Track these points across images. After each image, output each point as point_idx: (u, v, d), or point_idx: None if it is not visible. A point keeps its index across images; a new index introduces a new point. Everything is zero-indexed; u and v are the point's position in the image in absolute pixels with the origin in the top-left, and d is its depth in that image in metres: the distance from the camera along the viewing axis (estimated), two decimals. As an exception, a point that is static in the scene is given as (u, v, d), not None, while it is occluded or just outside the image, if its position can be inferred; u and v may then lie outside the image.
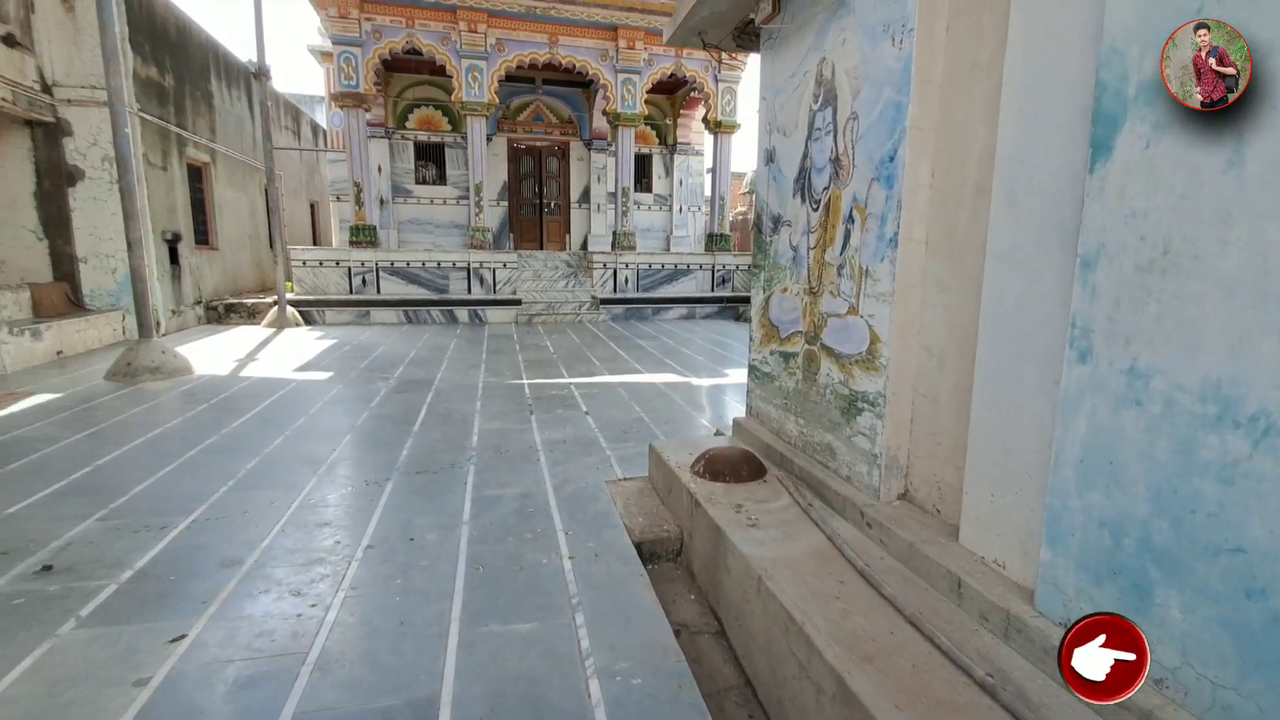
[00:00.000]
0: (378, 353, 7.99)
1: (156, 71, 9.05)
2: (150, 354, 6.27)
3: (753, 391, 3.67)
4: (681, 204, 15.91)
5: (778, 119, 3.28)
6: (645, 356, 8.09)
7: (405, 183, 14.24)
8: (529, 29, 11.51)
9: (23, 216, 7.93)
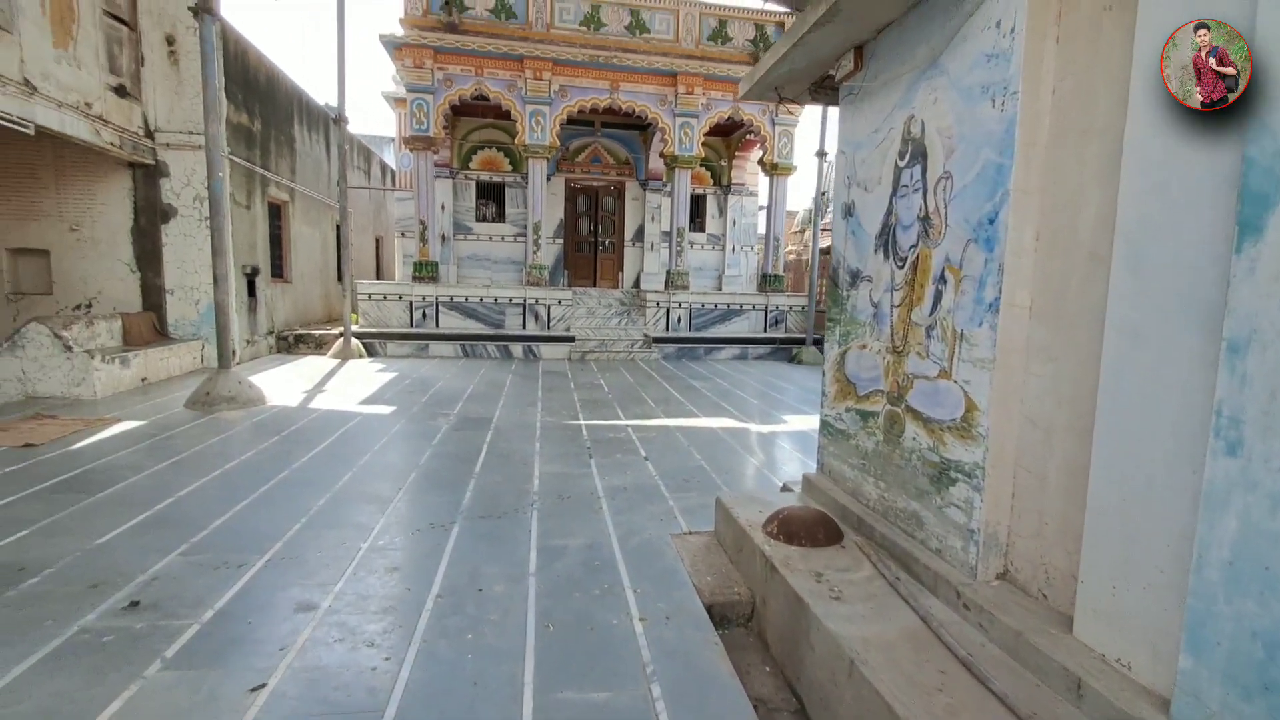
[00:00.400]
0: (437, 387, 8.15)
1: (247, 118, 9.68)
2: (227, 384, 6.54)
3: (825, 448, 3.55)
4: (734, 244, 15.95)
5: (858, 173, 3.24)
6: (700, 399, 8.01)
7: (466, 220, 14.73)
8: (591, 76, 11.89)
9: (120, 250, 8.50)
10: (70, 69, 6.89)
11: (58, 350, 6.59)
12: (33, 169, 8.25)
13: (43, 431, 5.31)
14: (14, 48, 6.11)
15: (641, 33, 12.11)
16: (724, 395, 8.34)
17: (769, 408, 7.56)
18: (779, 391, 8.77)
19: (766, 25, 12.53)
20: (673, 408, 7.34)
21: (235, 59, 9.34)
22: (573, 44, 11.77)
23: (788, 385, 9.31)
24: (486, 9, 11.59)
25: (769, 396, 8.36)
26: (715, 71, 12.06)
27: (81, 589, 2.79)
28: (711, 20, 12.34)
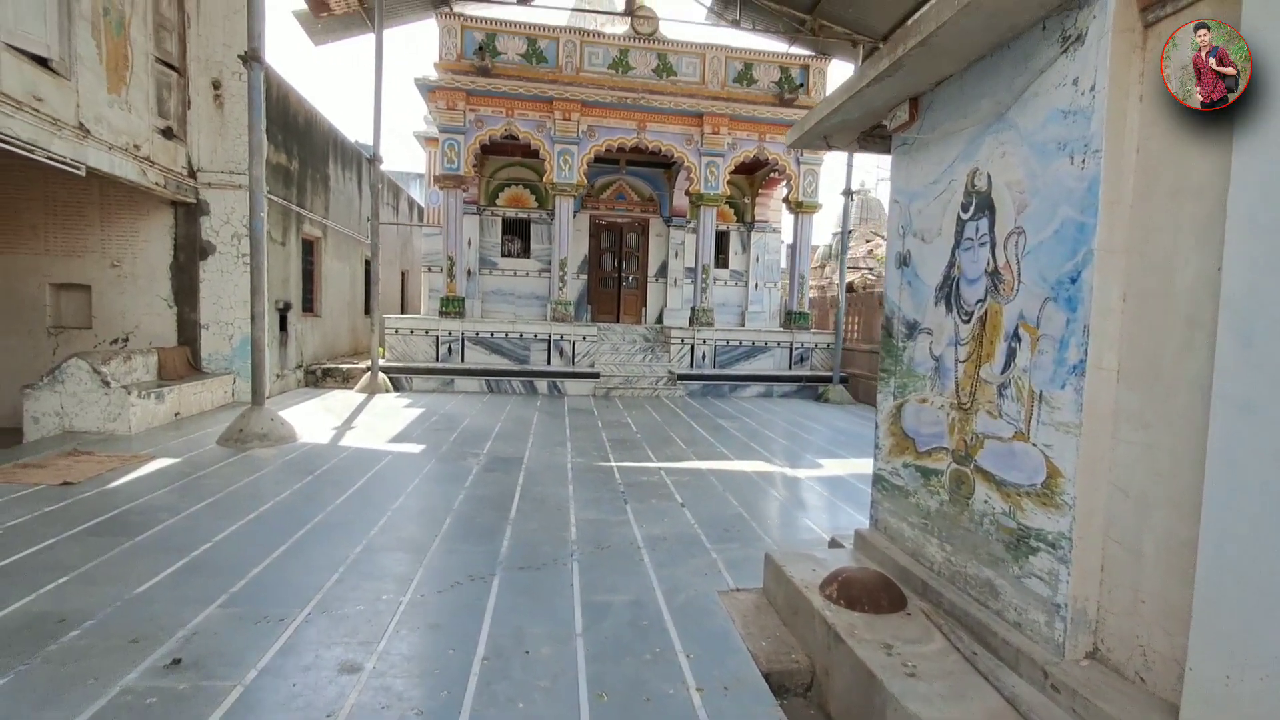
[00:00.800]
0: (465, 425, 8.12)
1: (285, 157, 9.93)
2: (260, 421, 6.56)
3: (880, 504, 3.42)
4: (757, 280, 15.93)
5: (913, 223, 3.19)
6: (730, 439, 7.88)
7: (491, 255, 14.90)
8: (619, 116, 12.09)
9: (158, 286, 8.66)
10: (121, 112, 7.13)
11: (96, 386, 6.67)
12: (80, 207, 8.49)
13: (80, 469, 5.33)
14: (71, 93, 6.33)
15: (669, 75, 12.34)
16: (753, 436, 8.21)
17: (801, 450, 7.41)
18: (808, 432, 8.62)
19: (791, 68, 12.72)
20: (703, 449, 7.22)
21: (277, 102, 9.62)
22: (601, 86, 12.01)
23: (816, 425, 9.16)
24: (518, 54, 11.90)
25: (799, 438, 8.21)
26: (741, 112, 12.22)
27: (122, 643, 2.72)
28: (737, 63, 12.55)
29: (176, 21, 8.10)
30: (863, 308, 12.36)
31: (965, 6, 2.17)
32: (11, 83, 5.60)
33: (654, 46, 12.34)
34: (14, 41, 5.62)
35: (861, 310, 12.40)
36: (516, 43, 11.90)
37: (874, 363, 11.61)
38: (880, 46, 11.72)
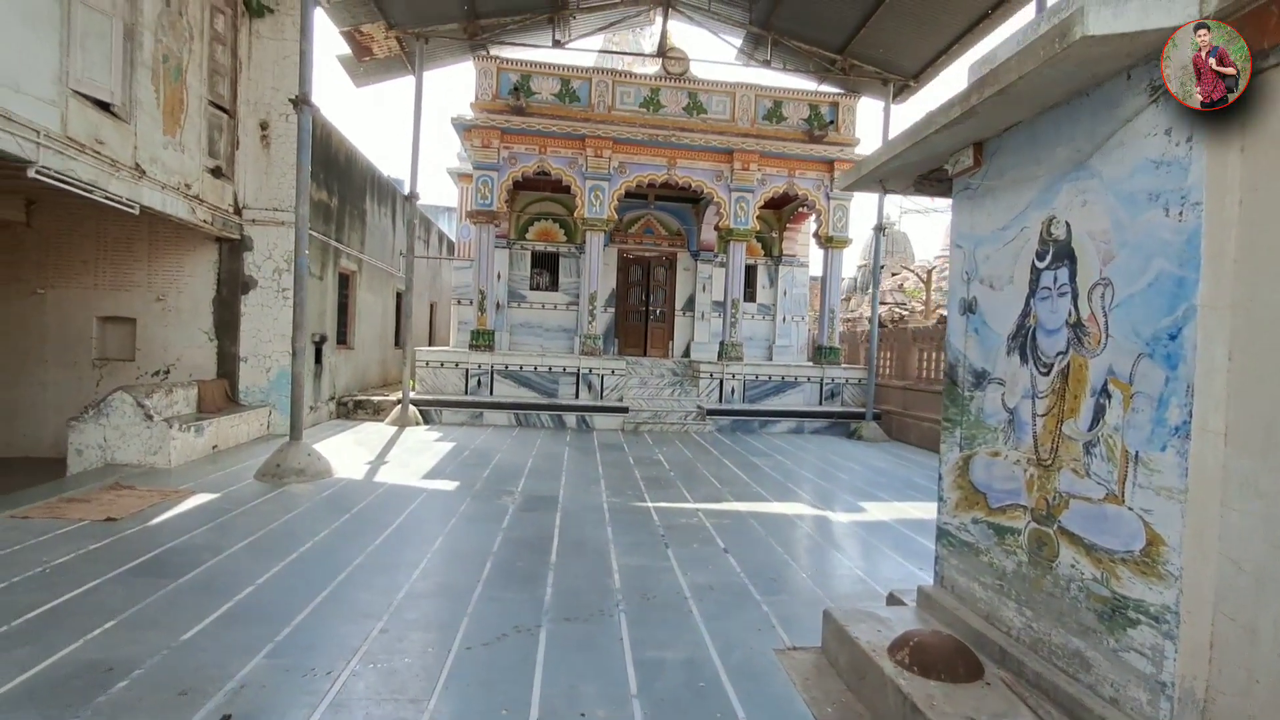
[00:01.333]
0: (497, 460, 8.06)
1: (325, 194, 10.18)
2: (297, 456, 6.57)
3: (946, 560, 3.27)
4: (785, 314, 15.85)
5: (979, 269, 3.11)
6: (765, 479, 7.72)
7: (520, 288, 15.03)
8: (649, 153, 12.24)
9: (201, 319, 8.84)
10: (175, 153, 7.36)
11: (139, 419, 6.75)
12: (130, 243, 8.75)
13: (122, 504, 5.35)
14: (129, 135, 6.56)
15: (699, 113, 12.50)
16: (788, 475, 8.04)
17: (839, 491, 7.22)
18: (845, 471, 8.42)
19: (820, 105, 12.82)
20: (739, 489, 7.07)
21: (319, 141, 9.89)
22: (633, 124, 12.20)
23: (852, 464, 8.95)
24: (551, 93, 12.16)
25: (836, 477, 8.02)
26: (770, 148, 12.30)
27: (171, 696, 2.66)
28: (766, 101, 12.69)
29: (229, 67, 8.42)
30: (895, 343, 12.19)
31: (1051, 59, 2.12)
32: (77, 127, 5.81)
33: (685, 85, 12.53)
34: (81, 88, 5.85)
35: (894, 345, 12.23)
36: (550, 83, 12.17)
37: (908, 399, 11.40)
38: (910, 84, 11.80)
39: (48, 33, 5.46)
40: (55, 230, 8.66)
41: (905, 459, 9.58)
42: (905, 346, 11.80)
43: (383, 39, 11.14)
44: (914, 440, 10.97)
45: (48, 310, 8.72)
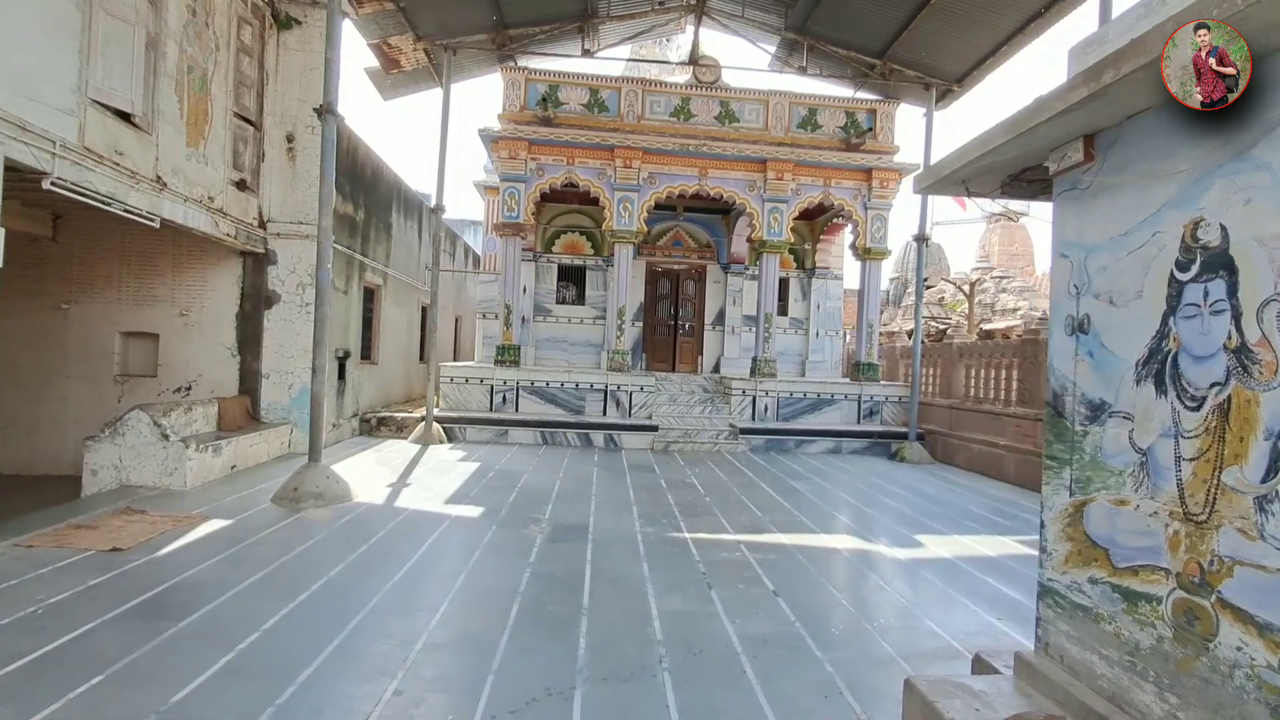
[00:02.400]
0: (523, 483, 7.69)
1: (351, 208, 10.01)
2: (315, 479, 6.27)
3: (1051, 624, 2.78)
4: (818, 328, 15.33)
5: (1093, 282, 2.64)
6: (807, 505, 7.22)
7: (546, 302, 14.76)
8: (680, 164, 11.90)
9: (223, 335, 8.66)
10: (198, 165, 7.21)
11: (155, 439, 6.53)
12: (153, 258, 8.63)
13: (130, 532, 5.08)
14: (150, 147, 6.39)
15: (731, 122, 12.14)
16: (831, 501, 7.53)
17: (890, 520, 6.69)
18: (891, 497, 7.87)
19: (857, 112, 12.37)
20: (781, 518, 6.59)
21: (346, 154, 9.73)
22: (663, 134, 11.88)
23: (898, 489, 8.39)
24: (580, 104, 11.92)
25: (882, 504, 7.48)
26: (805, 157, 11.88)
27: (152, 777, 2.29)
28: (801, 109, 12.28)
29: (256, 79, 8.29)
30: (939, 359, 11.59)
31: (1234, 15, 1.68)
32: (95, 137, 5.64)
33: (716, 94, 12.20)
34: (100, 98, 5.68)
35: (938, 362, 11.62)
36: (579, 93, 11.93)
37: (955, 419, 10.79)
38: (954, 89, 11.30)
39: (67, 40, 5.30)
40: (80, 245, 8.58)
41: (955, 484, 8.99)
42: (950, 363, 11.20)
43: (411, 51, 11.01)
44: (962, 463, 10.35)
45: (71, 325, 8.62)
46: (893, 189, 12.19)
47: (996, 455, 9.48)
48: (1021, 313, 19.22)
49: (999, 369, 9.92)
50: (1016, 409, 9.24)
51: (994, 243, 38.13)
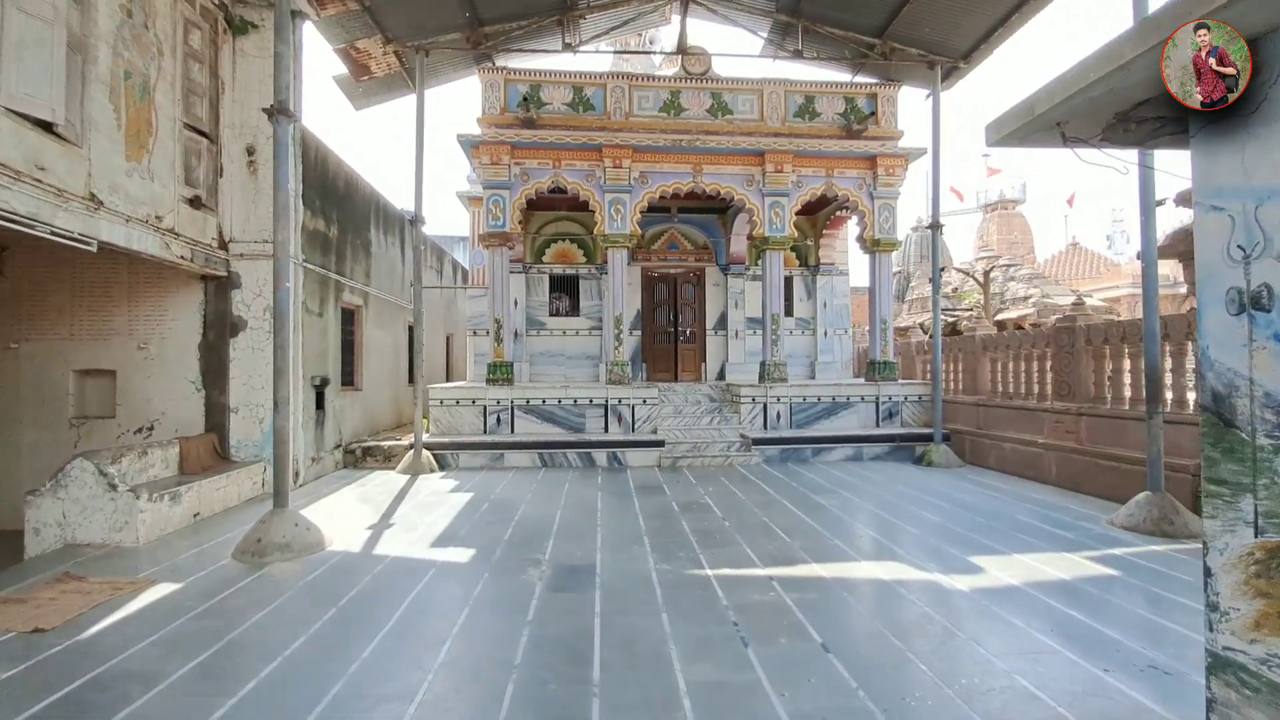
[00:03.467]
0: (520, 515, 6.94)
1: (323, 223, 9.30)
2: (282, 528, 5.51)
3: (1233, 708, 2.04)
4: (826, 328, 14.62)
5: (1273, 240, 1.93)
6: (837, 524, 6.48)
7: (539, 315, 14.05)
8: (673, 161, 11.23)
9: (186, 368, 7.92)
10: (142, 182, 6.49)
11: (101, 490, 5.77)
12: (107, 287, 7.91)
13: (60, 606, 4.31)
14: (81, 162, 5.68)
15: (724, 114, 11.48)
16: (863, 517, 6.78)
17: (936, 538, 5.94)
18: (929, 509, 7.12)
19: (857, 98, 11.71)
20: (812, 541, 5.84)
21: (314, 166, 9.05)
22: (653, 130, 11.21)
23: (933, 499, 7.64)
24: (564, 103, 11.25)
25: (921, 518, 6.73)
26: (805, 147, 11.21)
27: None
28: (798, 97, 11.62)
29: (208, 87, 7.59)
30: (962, 353, 10.86)
31: None
32: (9, 151, 4.92)
33: (707, 86, 11.54)
34: (14, 105, 4.97)
35: (961, 356, 10.89)
36: (562, 92, 11.27)
37: (984, 417, 10.05)
38: (960, 65, 10.64)
39: (-35, 39, 4.59)
40: (28, 278, 7.86)
41: (993, 489, 8.24)
42: (974, 357, 10.48)
43: (381, 55, 10.35)
44: (993, 464, 9.60)
45: (21, 365, 7.88)
46: (899, 176, 11.52)
47: (1034, 454, 8.74)
48: (1033, 300, 18.53)
49: (1030, 360, 9.19)
50: (1054, 403, 8.51)
51: (992, 232, 37.56)
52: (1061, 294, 19.16)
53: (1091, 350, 8.06)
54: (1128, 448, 7.36)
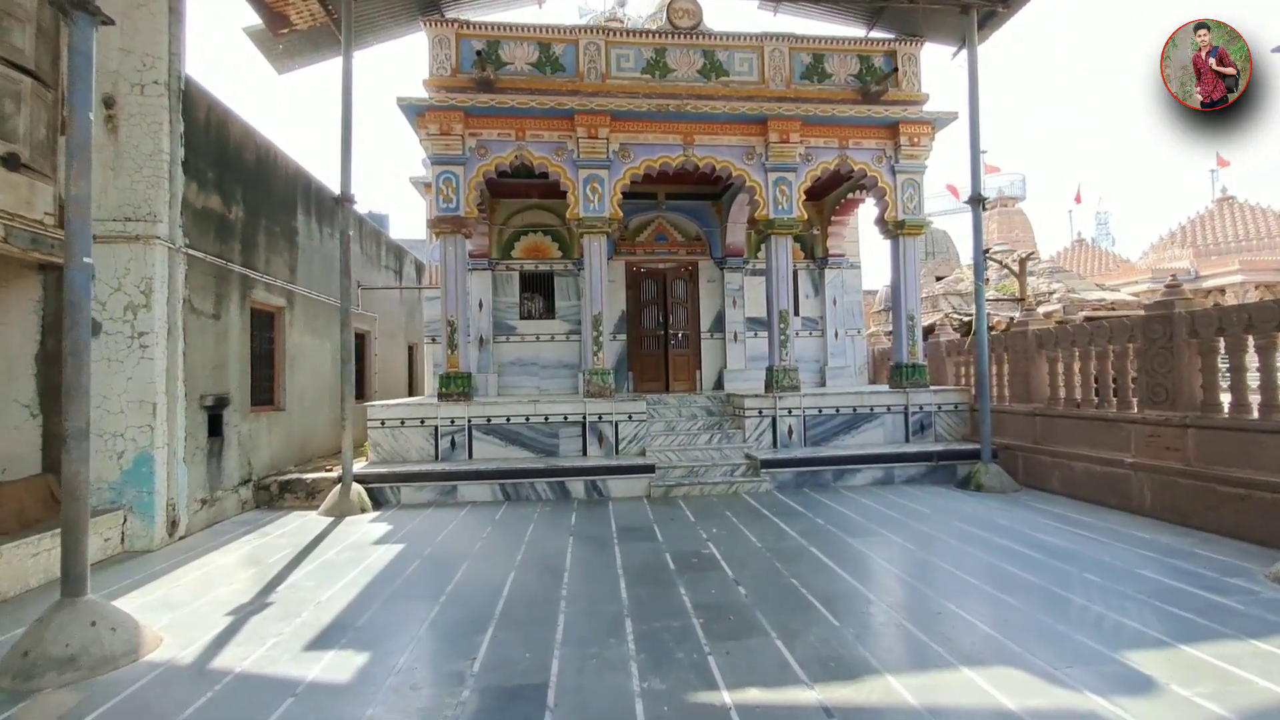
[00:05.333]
0: (458, 579, 5.05)
1: (220, 201, 7.40)
2: (69, 631, 3.59)
3: None
4: (836, 328, 12.85)
5: None
6: (896, 589, 4.65)
7: (508, 318, 12.18)
8: (659, 130, 9.45)
9: (18, 387, 5.99)
10: (-93, 125, 4.59)
11: None
12: (-89, 281, 5.96)
13: None
14: None
15: (719, 76, 9.74)
16: (928, 576, 4.96)
17: (1046, 614, 4.11)
18: (1008, 558, 5.30)
19: (873, 55, 10.02)
20: (872, 624, 3.99)
21: (207, 127, 7.17)
22: (634, 94, 9.45)
23: (1006, 541, 5.83)
24: (528, 63, 9.46)
25: (1006, 575, 4.91)
26: (815, 113, 9.47)
27: None
28: (804, 55, 9.92)
29: (33, 10, 5.71)
30: (1009, 352, 9.09)
31: None
32: None
33: (698, 43, 9.80)
34: None
35: (1008, 356, 9.12)
36: (526, 49, 9.48)
37: (1042, 429, 8.26)
38: (999, 10, 8.93)
39: None
40: None
41: (1079, 525, 6.44)
42: (1026, 356, 8.71)
43: (302, 2, 8.50)
44: (1058, 487, 7.82)
45: None
46: (924, 146, 9.80)
47: (1117, 477, 6.96)
48: (1058, 295, 16.89)
49: (1106, 359, 7.44)
50: (1146, 412, 6.74)
51: (992, 230, 36.21)
52: (1086, 288, 17.56)
53: (1198, 343, 6.31)
54: (1262, 469, 5.59)
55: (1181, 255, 23.62)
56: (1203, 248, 24.34)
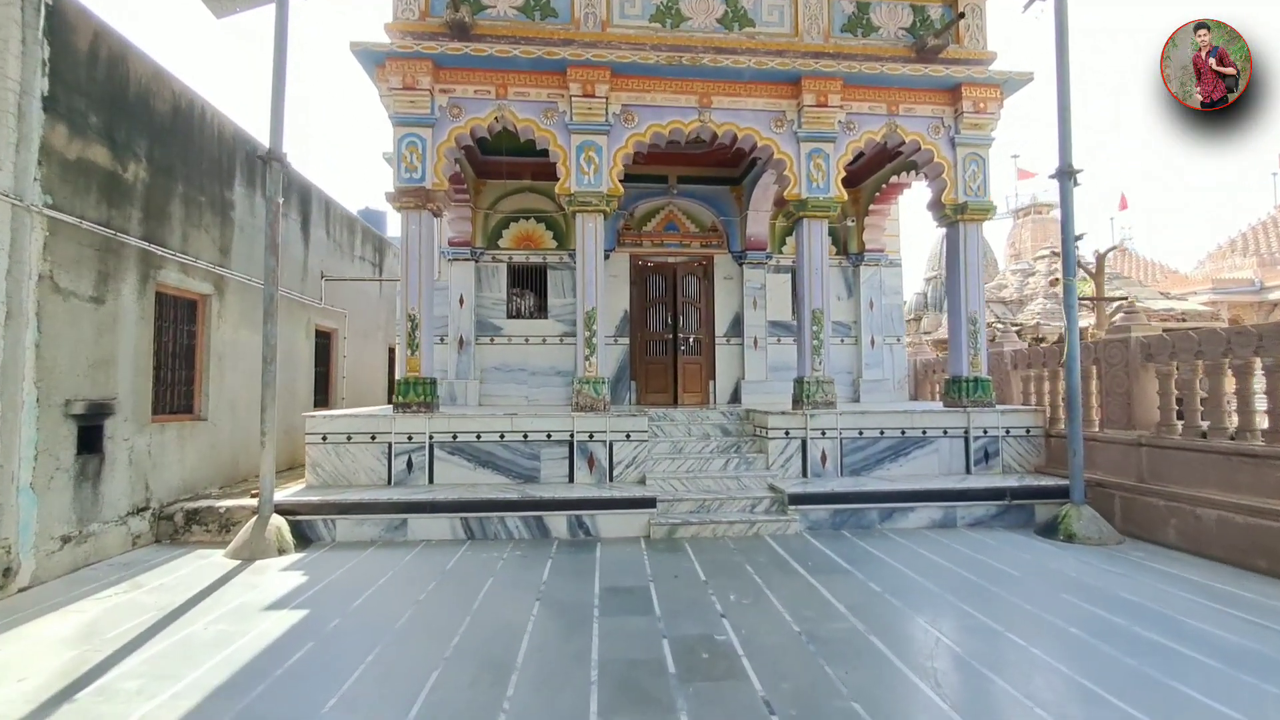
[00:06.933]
0: (346, 687, 3.38)
1: (109, 155, 5.86)
2: None
3: None
4: (873, 334, 11.13)
5: None
6: (1016, 717, 2.93)
7: (493, 317, 10.60)
8: (669, 89, 7.84)
9: None
10: None
11: None
12: None
13: None
14: None
15: (743, 26, 8.12)
16: (1056, 692, 3.22)
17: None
18: (1153, 657, 3.55)
19: (928, 5, 8.36)
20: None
21: (92, 60, 5.65)
22: (640, 45, 7.86)
23: (1141, 628, 4.08)
24: (512, 6, 7.90)
25: (1167, 691, 3.17)
26: (861, 71, 7.80)
27: None
28: (846, 3, 8.28)
29: None
30: (1107, 366, 7.29)
31: None
32: None
33: (718, -13, 8.19)
34: None
35: (1103, 369, 7.34)
36: (510, -10, 7.92)
37: (1146, 464, 6.48)
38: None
39: None
40: None
41: (1232, 602, 4.68)
42: (1126, 371, 6.94)
43: (238, -75, 6.98)
44: (1176, 539, 6.04)
45: None
46: (992, 113, 8.10)
47: (1272, 532, 5.18)
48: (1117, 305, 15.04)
49: (1248, 375, 5.67)
50: (1325, 449, 4.96)
51: (1024, 238, 34.29)
52: (1150, 296, 15.70)
53: None
54: None
55: (1244, 265, 21.66)
56: (1267, 256, 22.34)
